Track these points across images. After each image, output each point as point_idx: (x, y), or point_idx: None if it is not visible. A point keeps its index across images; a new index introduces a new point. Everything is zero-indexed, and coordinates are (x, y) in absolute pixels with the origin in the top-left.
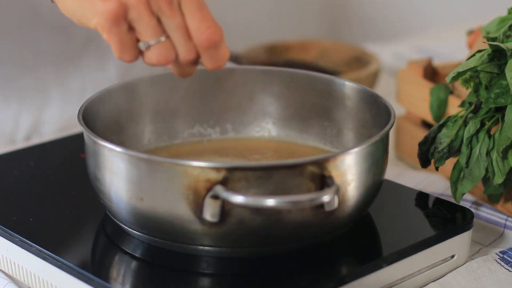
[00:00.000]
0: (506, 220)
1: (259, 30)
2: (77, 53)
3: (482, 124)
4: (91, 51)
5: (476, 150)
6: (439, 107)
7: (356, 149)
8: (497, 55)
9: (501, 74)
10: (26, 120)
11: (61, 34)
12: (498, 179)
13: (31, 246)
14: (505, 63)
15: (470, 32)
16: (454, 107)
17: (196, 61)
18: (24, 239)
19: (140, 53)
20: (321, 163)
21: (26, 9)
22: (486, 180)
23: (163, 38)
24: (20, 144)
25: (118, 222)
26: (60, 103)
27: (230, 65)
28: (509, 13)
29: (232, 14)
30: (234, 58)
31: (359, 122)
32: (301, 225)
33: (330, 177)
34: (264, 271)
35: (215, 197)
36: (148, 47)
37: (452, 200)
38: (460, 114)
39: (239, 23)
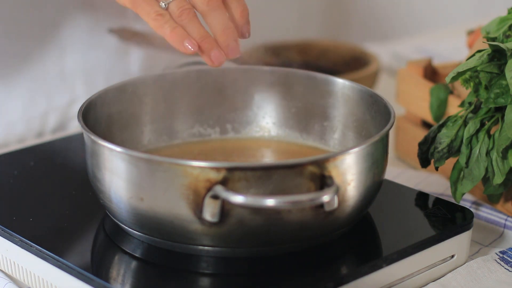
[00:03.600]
0: (506, 220)
1: (259, 30)
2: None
3: (482, 124)
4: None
5: (476, 150)
6: (439, 107)
7: (356, 149)
8: (497, 55)
9: (501, 74)
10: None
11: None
12: (498, 179)
13: (31, 246)
14: (505, 63)
15: (470, 32)
16: (454, 107)
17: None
18: (24, 239)
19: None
20: (321, 163)
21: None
22: (486, 180)
23: None
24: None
25: (118, 222)
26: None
27: (230, 65)
28: (509, 13)
29: None
30: (234, 58)
31: (359, 122)
32: (301, 225)
33: (330, 177)
34: (264, 271)
35: (215, 197)
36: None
37: (452, 200)
38: (460, 114)
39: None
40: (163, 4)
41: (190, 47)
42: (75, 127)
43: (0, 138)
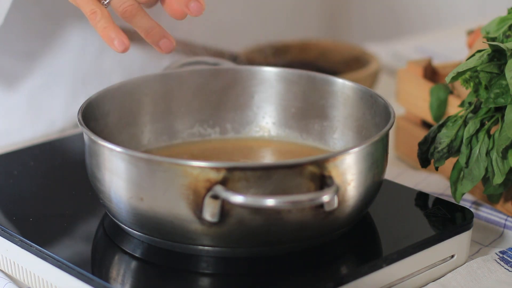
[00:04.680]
0: (506, 220)
1: (259, 30)
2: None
3: (482, 124)
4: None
5: (476, 150)
6: (439, 107)
7: (356, 149)
8: (497, 55)
9: (501, 74)
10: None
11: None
12: (498, 179)
13: (31, 246)
14: (505, 63)
15: (470, 32)
16: (454, 107)
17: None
18: (24, 239)
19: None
20: (321, 163)
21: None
22: (486, 180)
23: None
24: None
25: (118, 222)
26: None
27: (230, 65)
28: (509, 13)
29: (231, 14)
30: (234, 58)
31: (359, 122)
32: (301, 225)
33: (330, 177)
34: (264, 271)
35: (215, 197)
36: None
37: (452, 200)
38: (460, 114)
39: (239, 23)
40: (105, 1)
41: (118, 47)
42: None
43: (42, 136)
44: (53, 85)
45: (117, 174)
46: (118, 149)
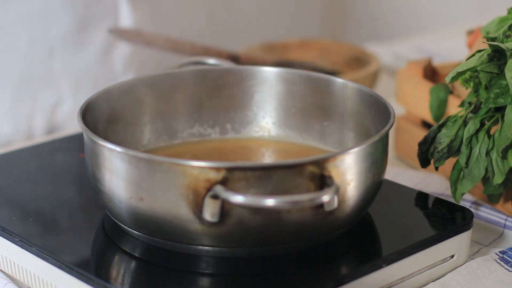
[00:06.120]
0: (505, 220)
1: (259, 30)
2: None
3: (482, 124)
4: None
5: (476, 150)
6: (439, 107)
7: (356, 149)
8: (496, 55)
9: (501, 74)
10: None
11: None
12: (498, 179)
13: (31, 246)
14: (505, 63)
15: (470, 32)
16: (453, 107)
17: None
18: (24, 239)
19: None
20: (320, 163)
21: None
22: (485, 180)
23: None
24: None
25: (118, 222)
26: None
27: (230, 65)
28: (509, 13)
29: (231, 14)
30: (234, 58)
31: (359, 122)
32: (301, 225)
33: (330, 177)
34: (264, 271)
35: (215, 197)
36: None
37: (452, 200)
38: (460, 114)
39: (238, 22)
40: None
41: None
42: (62, 129)
43: None
44: None
45: (117, 174)
46: (118, 149)
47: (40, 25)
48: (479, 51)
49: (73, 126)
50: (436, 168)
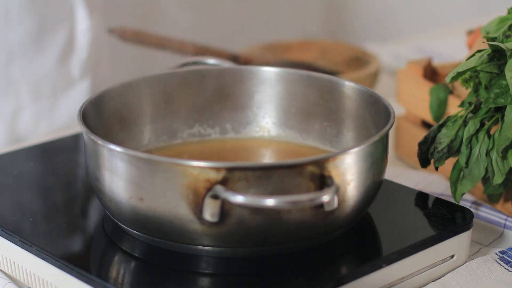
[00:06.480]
0: (505, 220)
1: (259, 30)
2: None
3: (482, 124)
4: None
5: (476, 150)
6: (439, 107)
7: (355, 149)
8: (496, 55)
9: (501, 74)
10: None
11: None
12: (498, 179)
13: (31, 246)
14: (505, 63)
15: (470, 32)
16: (454, 107)
17: None
18: (24, 239)
19: None
20: (320, 163)
21: None
22: (485, 180)
23: None
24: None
25: (118, 222)
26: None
27: (230, 65)
28: (509, 13)
29: (232, 14)
30: (234, 58)
31: (359, 122)
32: (301, 225)
33: (330, 177)
34: (264, 271)
35: (215, 197)
36: None
37: (452, 200)
38: (460, 114)
39: (239, 22)
40: None
41: None
42: (26, 138)
43: None
44: None
45: (117, 174)
46: (118, 149)
47: None
48: (479, 51)
49: (38, 134)
50: (436, 168)
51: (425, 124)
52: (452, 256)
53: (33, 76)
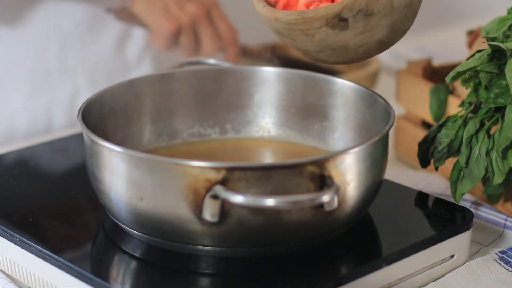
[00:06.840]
0: (505, 220)
1: (259, 30)
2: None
3: (482, 124)
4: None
5: (476, 150)
6: (439, 107)
7: (356, 149)
8: (496, 55)
9: (501, 74)
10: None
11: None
12: (498, 179)
13: (31, 246)
14: (505, 63)
15: (470, 32)
16: (453, 107)
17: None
18: (24, 239)
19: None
20: (320, 163)
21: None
22: (485, 180)
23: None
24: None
25: (118, 222)
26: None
27: (230, 65)
28: (509, 13)
29: (232, 14)
30: (242, 50)
31: (359, 122)
32: (301, 225)
33: (330, 177)
34: (264, 271)
35: (215, 197)
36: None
37: (452, 200)
38: (460, 114)
39: (239, 22)
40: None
41: None
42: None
43: (5, 130)
44: (13, 79)
45: (117, 174)
46: (118, 149)
47: (53, 17)
48: (479, 51)
49: None
50: (436, 168)
51: (425, 124)
52: (452, 256)
53: (89, 63)
